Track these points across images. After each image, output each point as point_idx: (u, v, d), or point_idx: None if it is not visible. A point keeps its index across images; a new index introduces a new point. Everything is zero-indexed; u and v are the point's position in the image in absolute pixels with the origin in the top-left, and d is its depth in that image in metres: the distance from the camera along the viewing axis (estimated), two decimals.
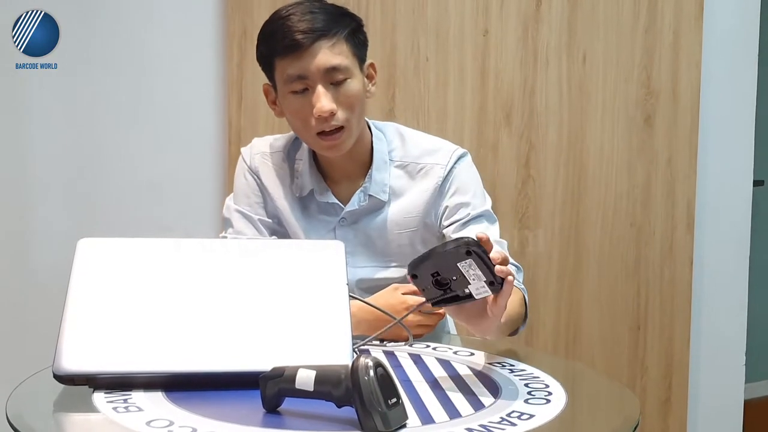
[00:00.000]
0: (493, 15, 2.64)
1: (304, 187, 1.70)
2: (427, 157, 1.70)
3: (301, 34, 1.56)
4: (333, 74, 1.58)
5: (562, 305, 2.72)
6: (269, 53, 1.61)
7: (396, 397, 1.07)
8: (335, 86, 1.59)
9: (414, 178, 1.70)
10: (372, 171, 1.69)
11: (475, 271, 1.24)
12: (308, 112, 1.59)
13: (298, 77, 1.58)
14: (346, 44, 1.60)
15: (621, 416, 1.23)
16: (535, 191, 2.68)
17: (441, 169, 1.69)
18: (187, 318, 1.26)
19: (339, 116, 1.59)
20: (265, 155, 1.74)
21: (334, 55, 1.58)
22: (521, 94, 2.67)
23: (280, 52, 1.59)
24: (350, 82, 1.60)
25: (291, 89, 1.59)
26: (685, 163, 2.75)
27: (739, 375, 2.95)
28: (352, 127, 1.62)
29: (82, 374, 1.20)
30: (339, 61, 1.58)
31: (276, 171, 1.72)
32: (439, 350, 1.48)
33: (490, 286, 1.24)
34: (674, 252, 2.77)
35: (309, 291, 1.33)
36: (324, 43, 1.57)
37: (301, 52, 1.56)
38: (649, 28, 2.70)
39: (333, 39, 1.58)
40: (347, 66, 1.59)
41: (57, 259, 1.75)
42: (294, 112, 1.61)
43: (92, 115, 2.61)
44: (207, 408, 1.14)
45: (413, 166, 1.70)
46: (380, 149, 1.70)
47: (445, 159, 1.70)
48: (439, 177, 1.68)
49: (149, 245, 1.36)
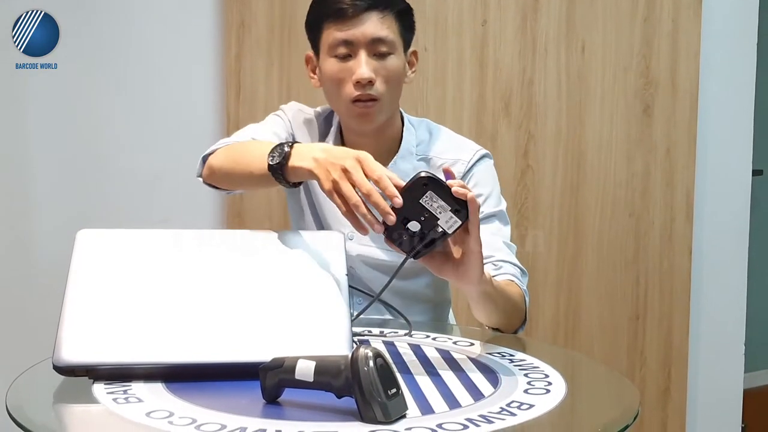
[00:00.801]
0: (491, 5, 2.64)
1: None
2: (451, 152, 1.72)
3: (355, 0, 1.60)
4: (378, 45, 1.61)
5: (561, 295, 2.72)
6: (318, 17, 1.65)
7: (396, 387, 1.07)
8: (378, 58, 1.62)
9: (436, 172, 1.70)
10: (397, 158, 1.71)
11: (438, 203, 1.24)
12: (347, 77, 1.62)
13: (343, 42, 1.61)
14: (396, 22, 1.64)
15: (621, 406, 1.23)
16: (534, 181, 2.68)
17: (462, 165, 1.70)
18: (186, 309, 1.26)
19: (377, 87, 1.62)
20: (302, 113, 1.77)
21: (382, 27, 1.62)
22: (520, 84, 2.67)
23: (330, 15, 1.62)
24: (393, 58, 1.64)
25: (334, 53, 1.62)
26: (684, 152, 2.75)
27: (738, 364, 2.95)
28: (386, 102, 1.65)
29: (82, 365, 1.20)
30: (386, 34, 1.62)
31: (308, 132, 1.75)
32: (439, 340, 1.48)
33: (457, 213, 1.24)
34: (673, 242, 2.77)
35: (309, 281, 1.33)
36: (375, 14, 1.61)
37: (351, 18, 1.60)
38: (647, 17, 2.70)
39: (384, 12, 1.62)
40: (393, 41, 1.63)
41: (57, 251, 1.75)
42: (332, 76, 1.64)
43: (92, 115, 2.60)
44: (207, 399, 1.14)
45: (436, 160, 1.72)
46: (409, 140, 1.72)
47: (468, 156, 1.72)
48: (460, 173, 1.69)
49: (149, 236, 1.36)
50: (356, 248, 1.70)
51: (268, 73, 2.59)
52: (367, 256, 1.70)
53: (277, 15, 2.59)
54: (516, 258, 1.65)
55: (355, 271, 1.71)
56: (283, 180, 1.40)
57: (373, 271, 1.70)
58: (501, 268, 1.60)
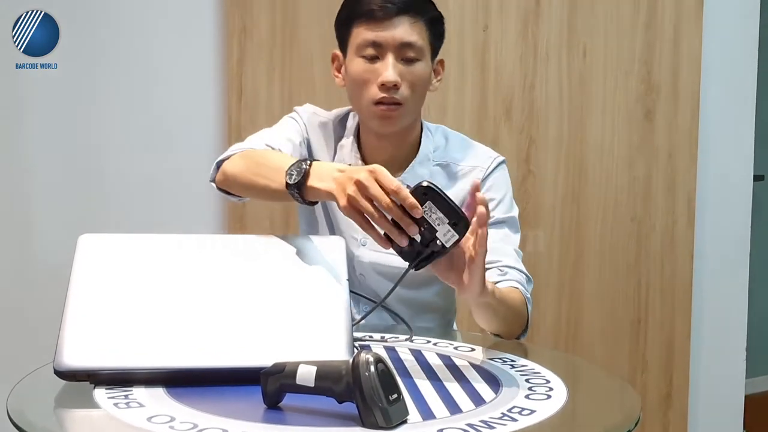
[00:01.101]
0: (493, 10, 2.64)
1: (342, 160, 1.72)
2: (470, 159, 1.72)
3: (388, 2, 1.59)
4: (406, 50, 1.61)
5: (562, 300, 2.72)
6: (349, 17, 1.64)
7: (397, 392, 1.07)
8: (405, 63, 1.62)
9: (453, 178, 1.72)
10: (415, 164, 1.70)
11: (437, 215, 1.22)
12: (372, 79, 1.61)
13: (372, 43, 1.61)
14: (426, 29, 1.64)
15: (622, 412, 1.23)
16: (536, 186, 2.68)
17: (481, 171, 1.71)
18: (188, 313, 1.26)
19: (402, 91, 1.61)
20: (317, 116, 1.76)
21: (412, 32, 1.61)
22: (521, 89, 2.67)
23: (361, 16, 1.61)
24: (420, 64, 1.63)
25: (362, 53, 1.62)
26: (685, 157, 2.75)
27: (739, 370, 2.95)
28: (409, 108, 1.64)
29: (83, 370, 1.20)
30: (415, 39, 1.61)
31: (323, 135, 1.75)
32: (440, 345, 1.48)
33: (455, 227, 1.22)
34: (675, 246, 2.77)
35: (310, 286, 1.33)
36: (406, 18, 1.60)
37: (382, 20, 1.60)
38: (649, 22, 2.70)
39: (415, 18, 1.62)
40: (421, 47, 1.63)
41: (58, 255, 1.75)
42: (358, 76, 1.63)
43: (92, 115, 2.60)
44: (208, 404, 1.14)
45: (454, 166, 1.72)
46: (427, 145, 1.72)
47: (487, 163, 1.72)
48: (478, 179, 1.69)
49: (150, 241, 1.37)
50: (368, 255, 1.69)
51: (270, 79, 2.60)
52: (380, 264, 1.68)
53: (279, 20, 2.59)
54: (523, 264, 1.64)
55: (365, 278, 1.70)
56: (300, 198, 1.40)
57: (384, 279, 1.68)
58: (506, 274, 1.59)
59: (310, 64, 2.60)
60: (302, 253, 1.39)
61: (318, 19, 2.57)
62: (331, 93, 2.55)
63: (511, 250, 1.64)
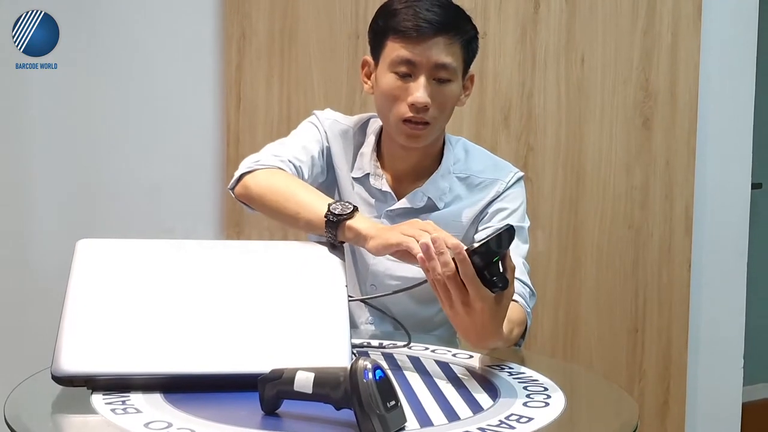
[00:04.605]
0: (491, 17, 2.64)
1: (362, 168, 1.72)
2: (490, 172, 1.73)
3: (425, 23, 1.58)
4: (439, 71, 1.60)
5: (560, 307, 2.72)
6: (385, 30, 1.63)
7: (395, 399, 1.07)
8: (437, 83, 1.61)
9: (472, 190, 1.72)
10: (436, 176, 1.70)
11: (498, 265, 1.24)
12: (403, 96, 1.60)
13: (406, 61, 1.59)
14: (461, 49, 1.62)
15: (619, 419, 1.23)
16: (533, 193, 2.68)
17: (502, 185, 1.71)
18: (186, 319, 1.26)
19: (431, 112, 1.61)
20: (338, 123, 1.76)
21: (447, 53, 1.60)
22: (519, 96, 2.67)
23: (397, 32, 1.60)
24: (452, 84, 1.63)
25: (395, 69, 1.61)
26: (683, 165, 2.75)
27: (737, 378, 2.95)
28: (437, 127, 1.65)
29: (81, 375, 1.20)
30: (450, 61, 1.60)
31: (343, 144, 1.74)
32: (438, 353, 1.48)
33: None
34: (672, 254, 2.77)
35: (308, 293, 1.33)
36: (442, 39, 1.59)
37: (418, 39, 1.58)
38: (647, 30, 2.71)
39: (452, 39, 1.60)
40: (455, 68, 1.62)
41: (56, 259, 1.75)
42: (388, 91, 1.62)
43: (92, 116, 2.61)
44: (205, 410, 1.13)
45: (474, 178, 1.72)
46: (449, 158, 1.73)
47: (507, 177, 1.73)
48: (498, 192, 1.70)
49: (148, 246, 1.37)
50: (383, 263, 1.67)
51: (269, 85, 2.60)
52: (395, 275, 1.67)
53: (278, 27, 2.59)
54: (528, 278, 1.64)
55: (376, 290, 1.69)
56: (332, 234, 1.42)
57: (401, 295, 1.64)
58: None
59: (309, 71, 2.60)
60: (301, 260, 1.39)
61: (317, 25, 2.57)
62: (330, 99, 2.56)
63: (520, 261, 1.64)
